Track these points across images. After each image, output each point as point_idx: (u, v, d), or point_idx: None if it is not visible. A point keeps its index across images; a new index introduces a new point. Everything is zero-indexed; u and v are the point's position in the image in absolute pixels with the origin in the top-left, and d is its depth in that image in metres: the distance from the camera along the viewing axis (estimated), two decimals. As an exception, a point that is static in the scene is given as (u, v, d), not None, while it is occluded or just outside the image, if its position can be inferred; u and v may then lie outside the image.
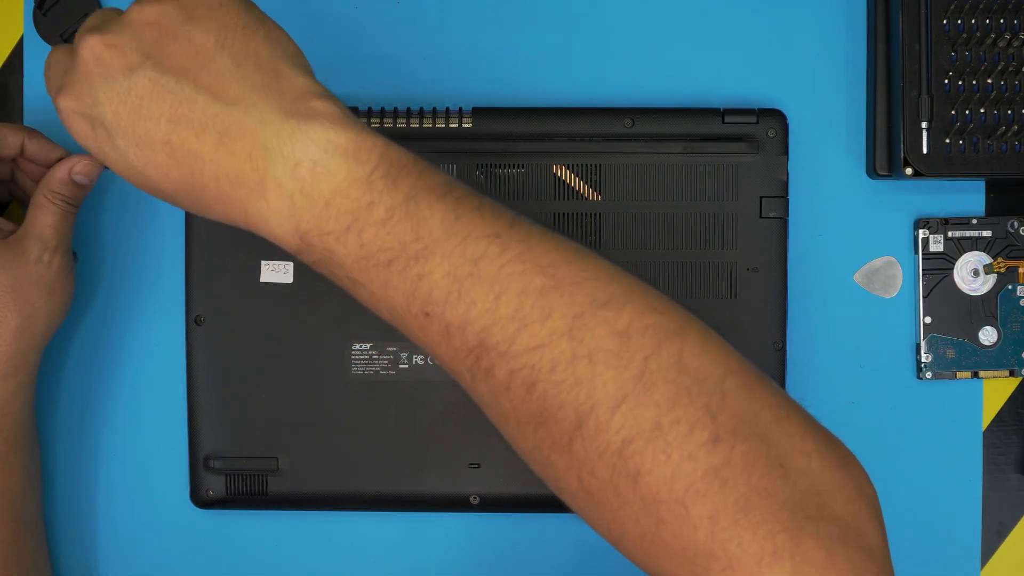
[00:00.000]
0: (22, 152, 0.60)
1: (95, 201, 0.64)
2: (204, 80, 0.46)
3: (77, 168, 0.59)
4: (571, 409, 0.42)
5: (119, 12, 0.49)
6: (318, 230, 0.45)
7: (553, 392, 0.43)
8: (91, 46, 0.47)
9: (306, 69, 0.48)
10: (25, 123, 0.65)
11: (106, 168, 0.59)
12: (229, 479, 0.62)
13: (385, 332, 0.62)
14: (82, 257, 0.64)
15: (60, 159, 0.59)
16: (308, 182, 0.45)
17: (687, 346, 0.43)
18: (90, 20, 0.49)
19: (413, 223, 0.44)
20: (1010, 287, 0.64)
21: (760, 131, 0.62)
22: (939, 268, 0.64)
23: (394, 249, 0.44)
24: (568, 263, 0.44)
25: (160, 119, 0.46)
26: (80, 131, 0.48)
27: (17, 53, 0.65)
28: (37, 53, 0.64)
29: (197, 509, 0.63)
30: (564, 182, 0.62)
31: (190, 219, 0.62)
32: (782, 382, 0.62)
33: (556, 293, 0.43)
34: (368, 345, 0.62)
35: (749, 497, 0.41)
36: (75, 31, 0.63)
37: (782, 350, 0.62)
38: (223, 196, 0.46)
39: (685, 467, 0.41)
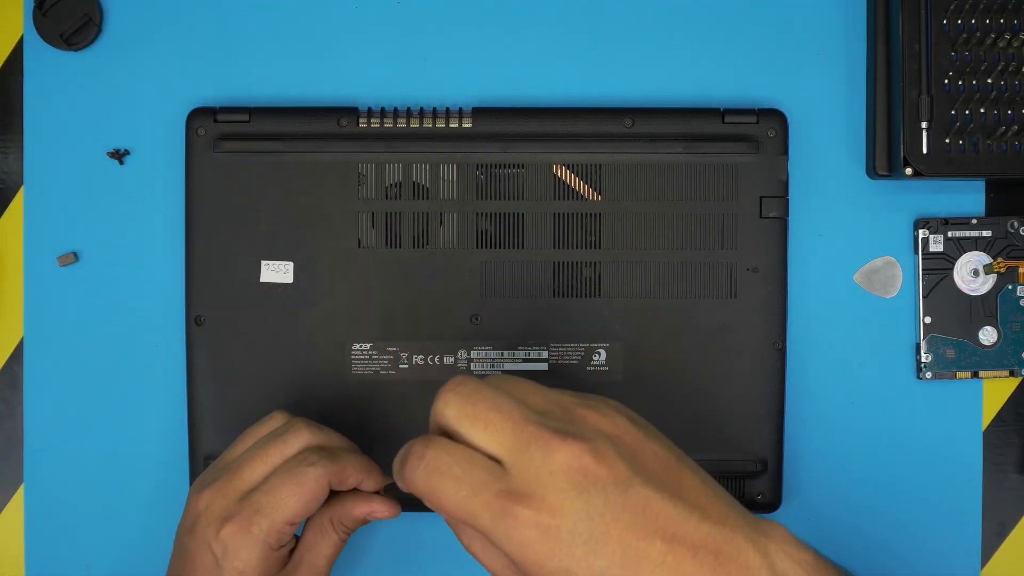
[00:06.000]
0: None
1: (95, 201, 0.64)
2: (687, 496, 0.44)
3: (379, 514, 0.56)
4: None
5: (559, 404, 0.46)
6: None
7: None
8: (576, 453, 0.43)
9: None
10: (25, 122, 0.64)
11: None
12: (229, 479, 0.62)
13: (385, 332, 0.62)
14: (82, 257, 0.64)
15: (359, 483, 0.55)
16: None
17: None
18: (517, 412, 0.44)
19: None
20: (1010, 287, 0.64)
21: (760, 131, 0.62)
22: (939, 268, 0.64)
23: None
24: None
25: (654, 538, 0.43)
26: (545, 546, 0.42)
27: (17, 53, 0.65)
28: (37, 53, 0.64)
29: (197, 509, 0.63)
30: (564, 182, 0.62)
31: (190, 219, 0.62)
32: (782, 382, 0.62)
33: None
34: (368, 345, 0.62)
35: None
36: (74, 32, 0.64)
37: (782, 350, 0.62)
38: None
39: None
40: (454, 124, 0.62)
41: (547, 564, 0.43)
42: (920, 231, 0.64)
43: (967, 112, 0.61)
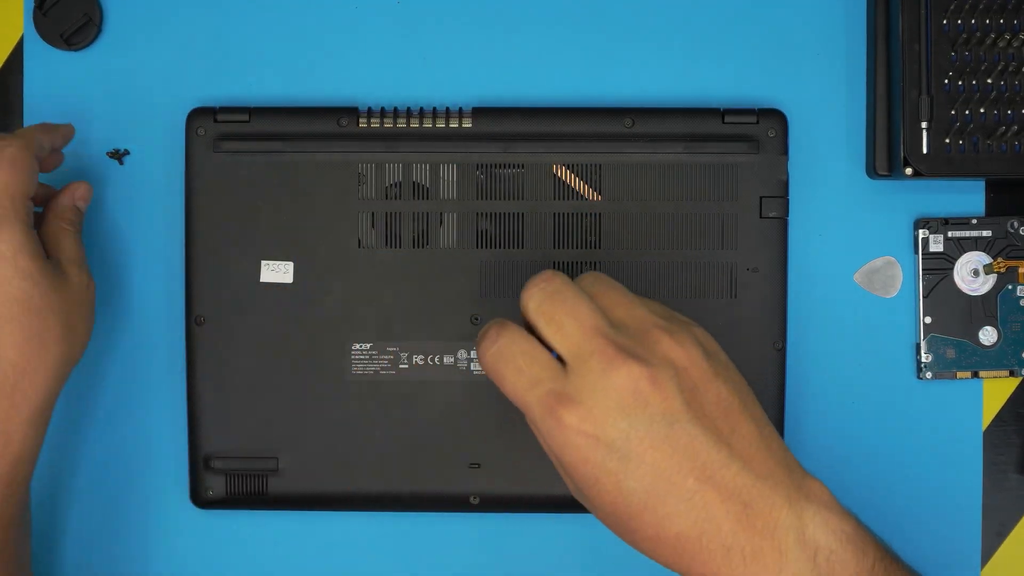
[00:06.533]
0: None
1: (95, 201, 0.64)
2: (736, 444, 0.45)
3: (79, 194, 0.59)
4: None
5: (639, 320, 0.46)
6: None
7: None
8: (635, 376, 0.44)
9: None
10: (25, 122, 0.64)
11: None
12: (229, 479, 0.62)
13: (385, 332, 0.62)
14: (82, 257, 0.64)
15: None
16: (824, 570, 0.44)
17: None
18: (590, 321, 0.45)
19: None
20: (1010, 287, 0.64)
21: (760, 131, 0.62)
22: (939, 268, 0.64)
23: None
24: None
25: (688, 475, 0.44)
26: (581, 452, 0.44)
27: (17, 53, 0.65)
28: (37, 53, 0.64)
29: (197, 509, 0.63)
30: (564, 182, 0.62)
31: (190, 219, 0.62)
32: (782, 382, 0.62)
33: None
34: (368, 345, 0.62)
35: None
36: (74, 32, 0.64)
37: (782, 350, 0.62)
38: (723, 566, 0.44)
39: None
40: (454, 124, 0.62)
41: (579, 469, 0.44)
42: (920, 231, 0.64)
43: (967, 112, 0.61)
